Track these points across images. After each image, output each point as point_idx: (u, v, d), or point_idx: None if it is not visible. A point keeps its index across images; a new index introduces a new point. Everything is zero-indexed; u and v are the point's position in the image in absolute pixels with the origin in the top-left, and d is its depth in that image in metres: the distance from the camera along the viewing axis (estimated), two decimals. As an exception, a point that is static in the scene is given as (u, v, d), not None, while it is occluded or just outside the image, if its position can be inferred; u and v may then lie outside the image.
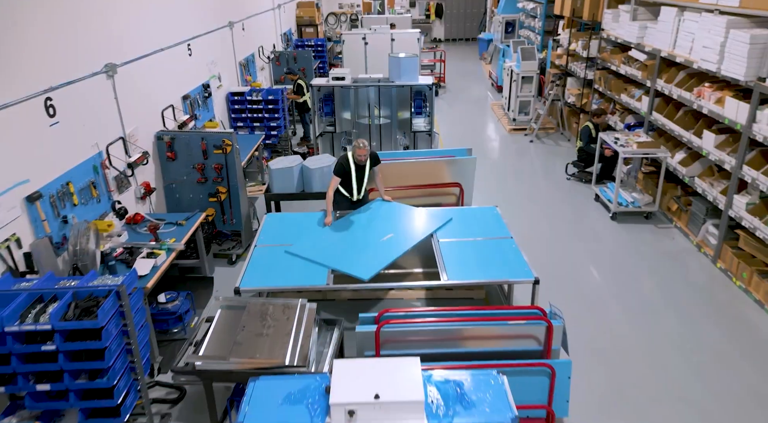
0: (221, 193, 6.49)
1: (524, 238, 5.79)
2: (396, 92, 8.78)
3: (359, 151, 5.76)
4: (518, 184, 9.23)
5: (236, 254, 6.76)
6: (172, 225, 5.56)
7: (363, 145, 5.75)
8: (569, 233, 7.40)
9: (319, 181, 6.76)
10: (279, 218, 5.87)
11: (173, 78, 7.05)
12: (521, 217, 7.82)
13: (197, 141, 6.36)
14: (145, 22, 6.33)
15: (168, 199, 6.59)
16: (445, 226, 5.53)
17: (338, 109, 8.85)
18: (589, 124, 8.69)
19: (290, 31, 14.95)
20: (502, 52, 15.33)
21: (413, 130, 8.78)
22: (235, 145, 6.40)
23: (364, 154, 5.79)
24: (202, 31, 8.17)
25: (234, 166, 6.47)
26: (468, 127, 12.52)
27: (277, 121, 9.39)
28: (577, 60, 11.20)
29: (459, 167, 6.92)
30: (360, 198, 6.13)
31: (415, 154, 7.26)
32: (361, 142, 5.77)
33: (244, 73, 10.25)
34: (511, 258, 4.89)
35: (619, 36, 9.05)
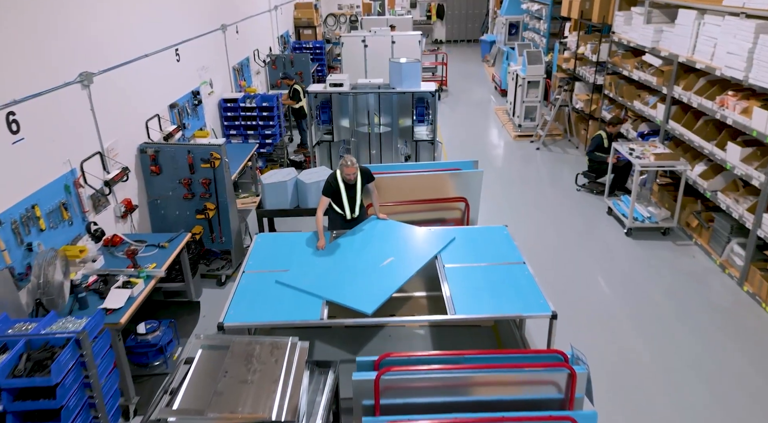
0: (209, 210, 6.04)
1: (532, 253, 5.40)
2: (397, 99, 8.33)
3: (347, 169, 5.31)
4: (525, 194, 8.77)
5: (226, 275, 6.30)
6: (153, 247, 5.10)
7: (351, 163, 5.30)
8: (581, 249, 6.94)
9: (315, 197, 6.30)
10: (271, 239, 5.41)
11: (159, 86, 6.60)
12: (529, 231, 7.37)
13: (183, 154, 5.91)
14: (127, 26, 5.88)
15: (152, 216, 6.14)
16: (450, 247, 5.09)
17: (336, 117, 8.40)
18: (602, 133, 8.23)
19: (287, 33, 14.50)
20: (506, 54, 14.89)
21: (415, 138, 8.32)
22: (224, 159, 5.95)
23: (352, 172, 5.34)
24: (192, 34, 7.72)
25: (223, 181, 6.01)
26: (471, 132, 12.07)
27: (272, 129, 8.94)
28: (585, 64, 10.74)
29: (464, 181, 6.47)
30: (355, 216, 5.68)
31: (417, 167, 6.80)
32: (349, 160, 5.31)
33: (238, 78, 9.80)
34: (524, 287, 4.43)
35: (632, 40, 8.60)
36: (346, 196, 5.51)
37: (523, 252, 4.96)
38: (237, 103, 8.76)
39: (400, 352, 3.67)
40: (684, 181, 6.84)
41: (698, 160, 7.11)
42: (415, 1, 24.39)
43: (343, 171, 5.34)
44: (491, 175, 9.62)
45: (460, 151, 10.84)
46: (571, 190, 8.73)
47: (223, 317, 4.12)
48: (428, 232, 5.39)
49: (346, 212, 5.60)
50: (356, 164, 5.35)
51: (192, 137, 7.56)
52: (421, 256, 4.94)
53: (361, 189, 5.54)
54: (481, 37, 21.01)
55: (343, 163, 5.30)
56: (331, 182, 5.47)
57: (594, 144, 8.24)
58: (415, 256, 4.94)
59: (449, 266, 4.78)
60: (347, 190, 5.48)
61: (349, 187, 5.47)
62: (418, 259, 4.89)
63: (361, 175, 5.48)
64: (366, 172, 5.55)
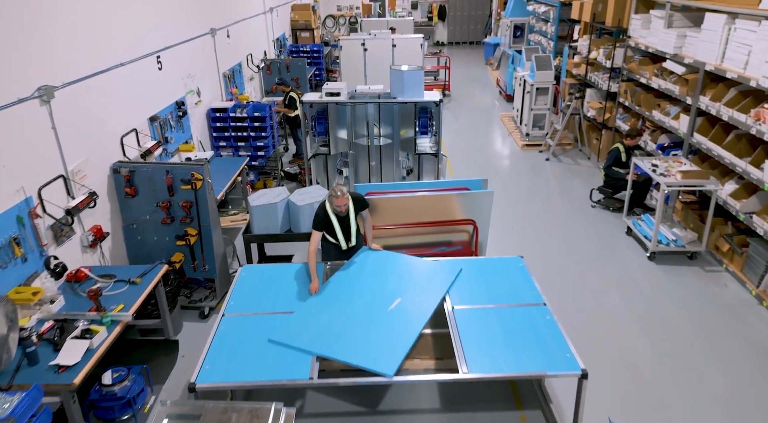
0: (190, 236, 5.44)
1: (544, 280, 4.86)
2: (398, 109, 7.74)
3: (337, 201, 4.72)
4: (535, 209, 8.16)
5: (209, 307, 5.70)
6: (123, 283, 4.51)
7: (341, 194, 4.71)
8: (598, 274, 6.34)
9: (308, 220, 5.69)
10: (257, 272, 4.81)
11: (137, 97, 6.00)
12: (540, 253, 6.78)
13: (161, 174, 5.32)
14: (99, 33, 5.29)
15: (128, 242, 5.54)
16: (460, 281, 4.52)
17: (333, 128, 7.80)
18: (620, 146, 7.63)
19: (284, 36, 13.92)
20: (511, 58, 14.30)
21: (418, 151, 7.72)
22: (206, 179, 5.35)
23: (343, 204, 4.76)
24: (177, 40, 7.12)
25: (205, 204, 5.41)
26: (476, 141, 11.46)
27: (264, 141, 8.35)
28: (597, 70, 10.15)
29: (473, 202, 5.87)
30: (352, 245, 5.10)
31: (421, 186, 6.20)
32: (338, 190, 4.72)
33: (229, 86, 9.20)
34: (547, 336, 3.83)
35: (651, 45, 8.00)
36: (339, 228, 4.94)
37: (537, 280, 4.40)
38: (226, 113, 8.16)
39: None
40: (714, 202, 6.23)
41: (728, 177, 6.51)
42: (416, 2, 23.81)
43: (333, 203, 4.76)
44: (498, 188, 8.99)
45: (464, 160, 10.25)
46: (586, 206, 8.13)
47: (195, 376, 3.52)
48: (434, 265, 4.80)
49: (341, 243, 5.03)
50: (347, 194, 4.78)
51: (176, 151, 6.96)
52: (432, 294, 4.36)
53: (355, 218, 4.98)
54: (484, 40, 20.42)
55: (333, 194, 4.73)
56: (320, 214, 4.90)
57: (611, 158, 7.64)
58: (425, 296, 4.35)
59: (459, 308, 4.18)
60: (340, 221, 4.92)
61: (341, 219, 4.91)
62: (429, 298, 4.30)
63: (354, 203, 4.92)
64: (358, 199, 4.98)
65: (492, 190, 5.81)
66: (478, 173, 9.66)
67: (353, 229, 4.99)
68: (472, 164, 10.09)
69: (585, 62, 10.33)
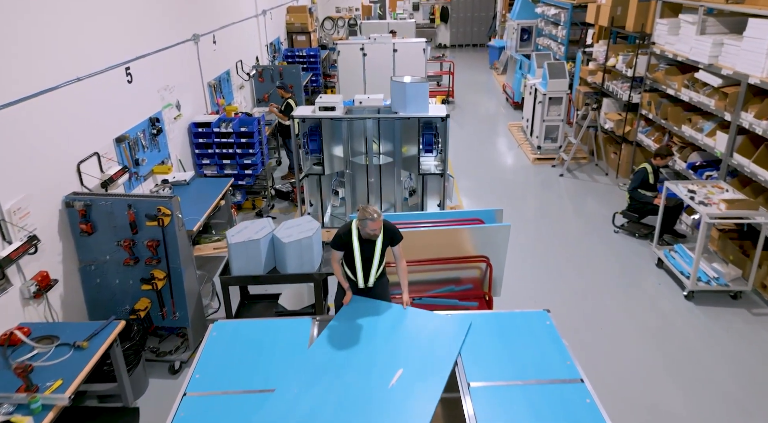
0: (157, 280, 4.65)
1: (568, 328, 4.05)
2: (400, 124, 6.95)
3: (372, 224, 4.00)
4: (550, 233, 7.37)
5: (180, 361, 4.91)
6: (66, 348, 3.72)
7: (378, 215, 3.98)
8: (627, 316, 5.55)
9: (296, 260, 4.92)
10: (232, 332, 4.00)
11: (100, 116, 5.22)
12: (558, 287, 6.04)
13: (122, 209, 4.53)
14: (49, 43, 4.51)
15: (86, 286, 4.75)
16: (475, 346, 3.73)
17: (327, 145, 7.01)
18: (647, 167, 6.84)
19: (278, 41, 13.14)
20: (519, 63, 13.53)
21: (422, 171, 6.94)
22: (175, 214, 4.57)
23: (377, 228, 4.04)
24: (151, 48, 6.34)
25: (175, 243, 4.63)
26: (483, 153, 10.67)
27: (252, 158, 7.56)
28: (616, 78, 9.36)
29: (486, 237, 5.09)
30: (370, 286, 4.33)
31: (426, 216, 5.42)
32: (374, 211, 3.98)
33: (215, 96, 8.42)
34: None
35: (680, 53, 7.21)
36: (360, 257, 4.19)
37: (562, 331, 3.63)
38: (210, 127, 7.37)
39: None
40: (763, 236, 5.44)
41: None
42: (417, 4, 23.03)
43: (367, 227, 4.02)
44: (508, 206, 8.20)
45: (469, 175, 9.46)
46: (607, 230, 7.34)
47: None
48: (440, 321, 4.02)
49: (359, 279, 4.28)
50: (381, 215, 4.03)
51: (150, 174, 6.19)
52: (440, 363, 3.57)
53: (381, 250, 4.22)
54: (489, 43, 19.63)
55: (367, 216, 3.97)
56: (341, 235, 4.21)
57: (637, 180, 6.85)
58: (432, 365, 3.56)
59: (477, 385, 3.39)
60: (363, 247, 4.16)
61: (366, 244, 4.16)
62: (437, 370, 3.52)
63: (385, 231, 4.18)
64: (390, 229, 4.23)
65: (509, 224, 5.03)
66: (485, 190, 8.90)
67: (375, 263, 4.23)
68: (479, 180, 9.31)
69: (602, 70, 9.54)
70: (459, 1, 22.64)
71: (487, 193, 8.83)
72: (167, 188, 6.24)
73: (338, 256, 4.26)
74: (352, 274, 4.31)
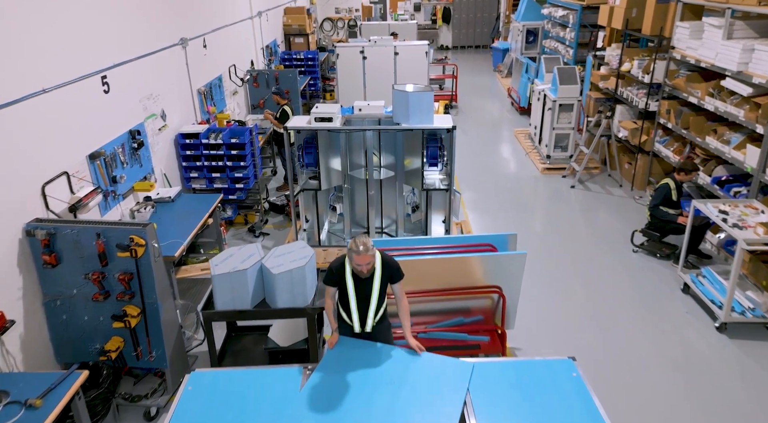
0: (130, 317, 4.14)
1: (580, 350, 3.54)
2: (403, 136, 6.44)
3: (358, 258, 3.49)
4: (562, 251, 6.85)
5: (157, 406, 4.39)
6: (17, 406, 3.21)
7: (364, 249, 3.47)
8: (653, 350, 5.03)
9: (287, 293, 4.40)
10: (210, 383, 3.50)
11: (71, 131, 4.71)
12: (572, 312, 5.52)
13: (90, 238, 4.02)
14: (7, 50, 4.00)
15: (51, 323, 4.24)
16: (491, 405, 3.22)
17: (324, 157, 6.49)
18: (670, 182, 6.32)
19: (275, 43, 12.63)
20: (525, 66, 13.02)
21: (425, 187, 6.42)
22: (150, 244, 4.06)
23: (365, 262, 3.51)
24: (133, 54, 5.83)
25: (150, 276, 4.11)
26: (488, 162, 10.15)
27: (243, 171, 7.04)
28: (630, 84, 8.84)
29: (499, 266, 4.59)
30: (368, 331, 3.82)
31: (432, 241, 4.92)
32: (360, 243, 3.48)
33: (205, 104, 7.91)
34: None
35: (703, 58, 6.69)
36: (354, 297, 3.67)
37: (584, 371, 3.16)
38: (198, 138, 6.86)
39: None
40: (806, 264, 4.94)
41: (817, 229, 5.21)
42: (419, 4, 22.52)
43: (353, 260, 3.52)
44: (516, 220, 7.76)
45: (475, 185, 8.95)
46: (625, 249, 6.82)
47: None
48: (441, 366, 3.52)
49: (354, 322, 3.76)
50: (372, 249, 3.50)
51: (131, 192, 5.68)
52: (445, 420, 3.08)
53: (380, 290, 3.68)
54: (492, 45, 19.11)
55: (353, 248, 3.47)
56: (333, 269, 3.71)
57: (659, 196, 6.33)
58: None
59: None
60: (358, 286, 3.65)
61: (361, 281, 3.63)
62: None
63: (383, 267, 3.64)
64: (390, 265, 3.70)
65: (524, 252, 4.52)
66: (492, 201, 8.40)
67: (373, 303, 3.70)
68: (485, 190, 8.80)
69: (615, 75, 9.02)
70: (461, 2, 22.13)
71: (493, 205, 8.32)
72: (149, 207, 5.73)
73: (331, 291, 3.76)
74: (347, 316, 3.80)
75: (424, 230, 6.84)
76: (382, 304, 3.79)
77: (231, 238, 7.29)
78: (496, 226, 7.59)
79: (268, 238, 7.32)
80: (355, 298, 3.70)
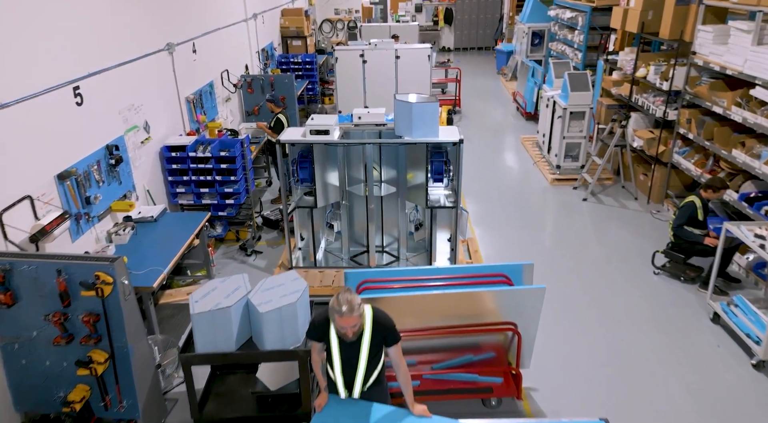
0: (97, 364, 3.65)
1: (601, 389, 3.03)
2: (406, 149, 5.95)
3: (341, 320, 2.92)
4: (575, 272, 6.34)
5: (129, 462, 3.91)
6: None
7: (348, 308, 2.88)
8: (683, 390, 4.52)
9: (276, 333, 3.91)
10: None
11: (35, 149, 4.22)
12: (591, 344, 5.02)
13: (50, 274, 3.53)
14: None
15: (9, 368, 3.77)
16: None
17: (320, 173, 6.00)
18: (696, 200, 5.82)
19: (271, 46, 12.13)
20: (531, 70, 12.53)
21: (430, 204, 5.93)
22: (119, 281, 3.56)
23: (350, 325, 2.95)
24: (111, 62, 5.35)
25: (119, 317, 3.62)
26: (494, 171, 9.65)
27: (234, 186, 6.55)
28: (645, 90, 8.35)
29: (515, 301, 4.10)
30: (356, 398, 3.29)
31: (438, 272, 4.42)
32: (344, 302, 2.90)
33: (194, 113, 7.41)
34: None
35: (729, 65, 6.20)
36: (339, 360, 3.15)
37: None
38: (185, 151, 6.37)
39: None
40: None
41: None
42: (420, 5, 22.02)
43: (335, 322, 2.97)
44: (524, 236, 7.27)
45: (481, 197, 8.46)
46: (645, 271, 6.32)
47: None
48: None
49: (339, 388, 3.23)
50: (358, 309, 2.93)
51: (107, 213, 5.19)
52: None
53: (369, 352, 3.11)
54: (496, 47, 18.62)
55: (335, 308, 2.90)
56: (316, 323, 3.17)
57: (684, 216, 5.83)
58: None
59: None
60: (343, 349, 3.11)
61: (346, 346, 3.11)
62: None
63: (374, 327, 3.07)
64: (383, 325, 3.11)
65: (543, 286, 4.02)
66: (498, 214, 7.93)
67: (361, 369, 3.14)
68: (491, 203, 8.31)
69: (629, 81, 8.53)
70: (464, 3, 21.63)
71: (500, 219, 7.82)
72: (129, 228, 5.25)
73: (318, 346, 3.24)
74: (333, 377, 3.27)
75: (428, 249, 6.37)
76: (375, 368, 3.23)
77: (221, 257, 6.80)
78: (504, 244, 7.10)
79: (261, 257, 6.82)
80: (340, 361, 3.16)
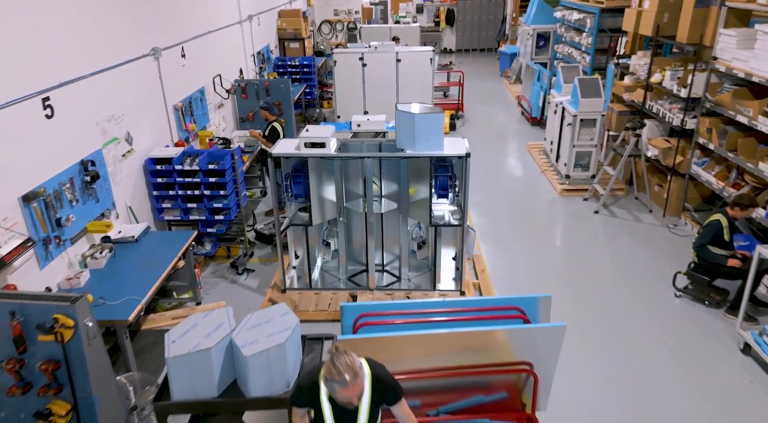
0: (57, 418, 3.21)
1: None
2: (408, 162, 5.51)
3: (343, 391, 2.46)
4: (589, 294, 5.90)
5: None
6: None
7: (352, 377, 2.44)
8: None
9: (263, 377, 3.47)
10: None
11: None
12: (611, 377, 4.55)
13: (3, 317, 3.09)
14: None
15: (-40, 420, 3.33)
16: None
17: (316, 188, 5.56)
18: (722, 219, 5.38)
19: (267, 49, 11.70)
20: (537, 73, 12.08)
21: (434, 221, 5.49)
22: (83, 324, 3.12)
23: (353, 394, 2.49)
24: (88, 69, 4.91)
25: (83, 364, 3.18)
26: (499, 180, 9.20)
27: (224, 201, 6.11)
28: (660, 96, 7.91)
29: (532, 340, 3.66)
30: None
31: (445, 305, 3.98)
32: (345, 369, 2.43)
33: (183, 122, 6.98)
34: None
35: (755, 72, 5.76)
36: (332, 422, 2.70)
37: None
38: (171, 164, 5.93)
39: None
40: None
41: None
42: (421, 6, 21.58)
43: (335, 392, 2.50)
44: (533, 251, 6.83)
45: (485, 209, 8.02)
46: (665, 292, 5.88)
47: None
48: None
49: None
50: (361, 371, 2.50)
51: (82, 235, 4.75)
52: None
53: (369, 413, 2.68)
54: (499, 48, 18.18)
55: (334, 378, 2.44)
56: (303, 390, 2.72)
57: (707, 235, 5.39)
58: None
59: None
60: (338, 414, 2.66)
61: (341, 408, 2.63)
62: None
63: (374, 386, 2.65)
64: (383, 382, 2.69)
65: (563, 324, 3.58)
66: (504, 227, 7.51)
67: None
68: (497, 215, 7.87)
69: (643, 86, 8.09)
70: (466, 4, 21.19)
71: (507, 232, 7.39)
72: (106, 250, 4.82)
73: (300, 412, 2.80)
74: None
75: (432, 269, 5.94)
76: None
77: (210, 276, 6.37)
78: (512, 262, 6.65)
79: (253, 275, 6.38)
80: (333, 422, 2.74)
